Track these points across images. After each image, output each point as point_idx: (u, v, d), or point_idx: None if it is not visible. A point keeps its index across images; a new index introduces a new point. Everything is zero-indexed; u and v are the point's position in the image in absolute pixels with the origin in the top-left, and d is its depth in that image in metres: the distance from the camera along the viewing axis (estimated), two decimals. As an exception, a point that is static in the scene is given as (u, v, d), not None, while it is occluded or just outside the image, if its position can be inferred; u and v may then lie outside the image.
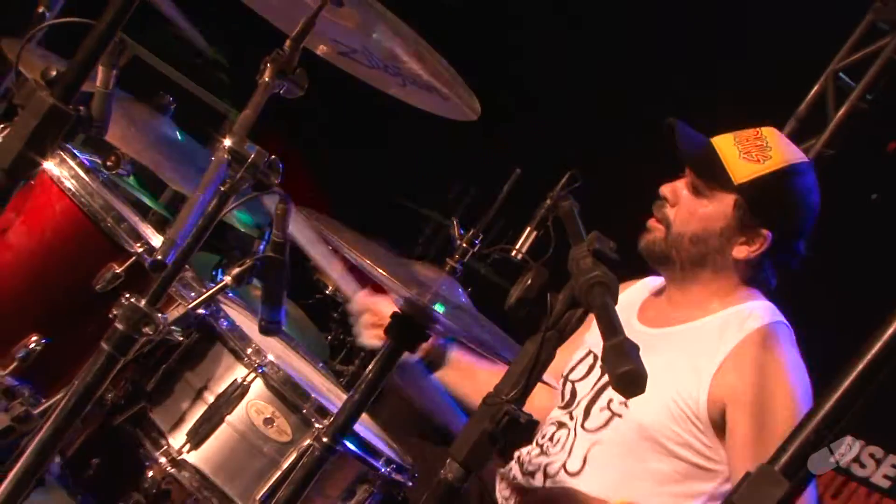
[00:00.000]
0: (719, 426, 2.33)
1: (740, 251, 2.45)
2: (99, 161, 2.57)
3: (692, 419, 2.33)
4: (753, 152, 2.43)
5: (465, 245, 2.05)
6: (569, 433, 2.50)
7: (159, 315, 1.85)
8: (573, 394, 2.57)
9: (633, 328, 2.57)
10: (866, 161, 5.04)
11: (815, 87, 5.36)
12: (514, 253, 1.91)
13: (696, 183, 2.47)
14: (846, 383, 1.08)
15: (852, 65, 5.32)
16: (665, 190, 2.51)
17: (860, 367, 1.08)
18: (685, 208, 2.47)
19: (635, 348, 1.41)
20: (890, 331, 1.08)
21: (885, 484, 4.04)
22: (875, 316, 1.14)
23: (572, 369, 2.63)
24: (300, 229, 2.35)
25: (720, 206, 2.44)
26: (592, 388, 2.51)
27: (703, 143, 2.48)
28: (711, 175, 2.44)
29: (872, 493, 4.06)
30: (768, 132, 2.51)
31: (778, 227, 2.45)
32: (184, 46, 5.03)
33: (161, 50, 4.66)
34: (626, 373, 1.38)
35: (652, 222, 2.52)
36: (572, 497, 2.37)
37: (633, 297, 2.70)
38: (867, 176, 4.93)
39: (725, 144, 2.46)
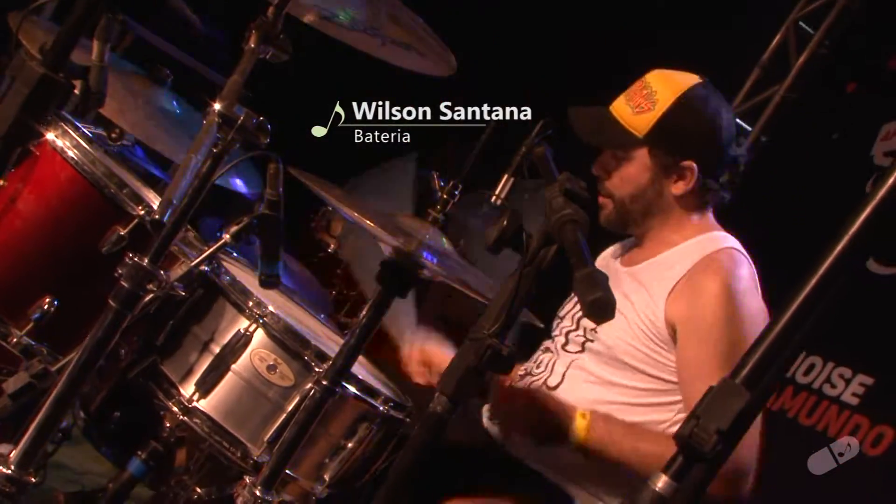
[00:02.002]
0: (675, 343, 2.36)
1: (677, 188, 2.48)
2: (104, 133, 2.54)
3: (653, 337, 2.35)
4: (642, 104, 2.46)
5: (445, 196, 2.02)
6: (551, 356, 2.54)
7: (161, 272, 1.84)
8: (558, 326, 2.61)
9: (609, 267, 2.59)
10: (827, 103, 5.01)
11: (778, 36, 5.32)
12: (493, 198, 1.88)
13: (609, 152, 2.52)
14: (800, 298, 1.06)
15: (811, 13, 5.26)
16: (596, 169, 2.55)
17: (813, 281, 1.06)
18: (616, 176, 2.52)
19: (605, 277, 1.40)
20: (840, 246, 1.06)
21: (854, 401, 4.06)
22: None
23: (562, 308, 2.66)
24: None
25: (639, 162, 2.48)
26: (572, 320, 2.56)
27: (596, 116, 2.51)
28: (616, 142, 2.48)
29: (843, 411, 4.08)
30: (651, 77, 2.51)
31: (697, 153, 2.46)
32: (182, 24, 4.98)
33: (160, 28, 4.61)
34: (597, 300, 1.36)
35: (601, 199, 2.56)
36: (546, 395, 2.38)
37: (607, 257, 2.73)
38: (828, 117, 4.91)
39: (620, 105, 2.50)
